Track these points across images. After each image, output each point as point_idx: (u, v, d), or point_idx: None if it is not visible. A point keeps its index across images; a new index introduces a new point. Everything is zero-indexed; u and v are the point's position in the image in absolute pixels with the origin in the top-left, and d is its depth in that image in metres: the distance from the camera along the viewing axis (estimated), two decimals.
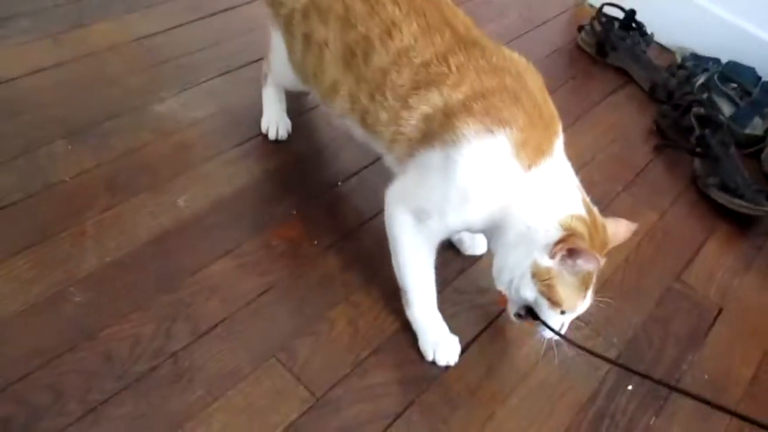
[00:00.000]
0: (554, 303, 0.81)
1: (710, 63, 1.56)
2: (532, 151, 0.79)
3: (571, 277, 0.80)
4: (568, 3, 1.79)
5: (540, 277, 0.80)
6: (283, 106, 1.18)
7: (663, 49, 1.69)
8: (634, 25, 1.60)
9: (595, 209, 0.84)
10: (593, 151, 1.36)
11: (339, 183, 1.14)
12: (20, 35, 1.22)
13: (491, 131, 0.78)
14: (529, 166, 0.79)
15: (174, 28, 1.33)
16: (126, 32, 1.29)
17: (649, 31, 1.62)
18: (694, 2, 1.63)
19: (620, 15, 1.62)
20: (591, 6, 1.75)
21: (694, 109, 1.42)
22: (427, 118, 0.83)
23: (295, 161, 1.16)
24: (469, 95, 0.80)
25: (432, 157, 0.83)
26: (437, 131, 0.82)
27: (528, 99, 0.81)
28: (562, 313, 0.83)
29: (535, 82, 0.85)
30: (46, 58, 1.19)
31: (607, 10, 1.63)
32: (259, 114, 1.18)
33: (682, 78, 1.53)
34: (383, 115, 0.86)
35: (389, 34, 0.85)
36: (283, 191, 1.10)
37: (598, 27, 1.59)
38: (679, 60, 1.62)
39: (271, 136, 1.17)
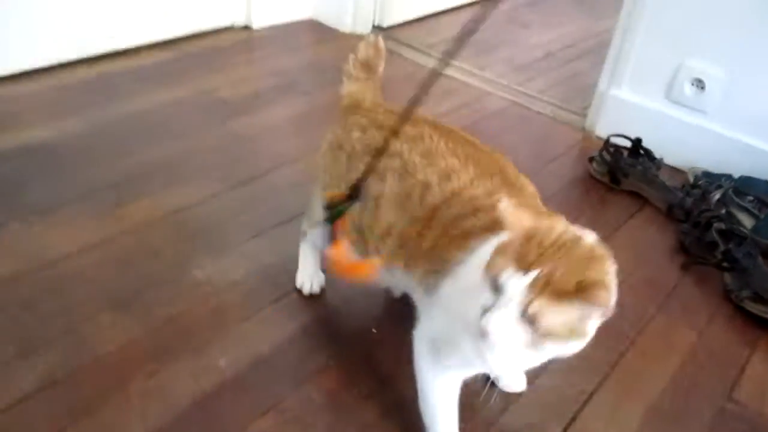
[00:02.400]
0: None
1: (723, 179, 1.60)
2: None
3: None
4: (576, 137, 1.88)
5: None
6: (318, 261, 1.23)
7: (674, 169, 1.75)
8: (642, 151, 1.67)
9: None
10: (621, 275, 1.36)
11: (373, 330, 1.16)
12: (68, 218, 1.32)
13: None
14: None
15: (207, 198, 1.43)
16: (163, 207, 1.39)
17: (658, 155, 1.69)
18: (699, 125, 1.71)
19: (628, 143, 1.70)
20: (598, 138, 1.84)
21: (715, 225, 1.45)
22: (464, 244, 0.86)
23: (330, 313, 1.19)
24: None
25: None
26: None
27: None
28: None
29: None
30: (90, 237, 1.28)
31: (615, 139, 1.71)
32: (292, 269, 1.23)
33: (697, 196, 1.56)
34: (426, 245, 0.90)
35: (448, 177, 0.92)
36: (319, 343, 1.12)
37: (607, 157, 1.66)
38: (691, 179, 1.67)
39: (306, 290, 1.21)
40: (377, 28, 2.42)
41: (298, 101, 1.88)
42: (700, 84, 1.67)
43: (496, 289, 0.72)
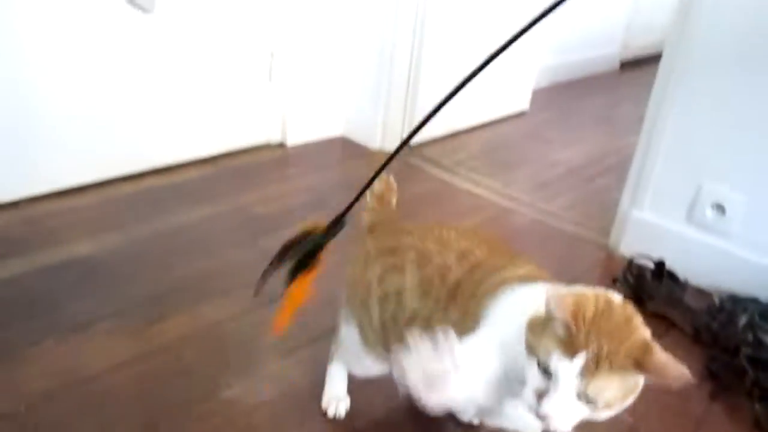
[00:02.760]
0: None
1: (749, 303, 1.61)
2: None
3: None
4: (599, 255, 1.92)
5: None
6: (345, 384, 1.25)
7: (700, 291, 1.75)
8: (665, 273, 1.69)
9: None
10: (647, 403, 1.35)
11: None
12: (103, 334, 1.37)
13: None
14: None
15: (238, 315, 1.47)
16: (198, 322, 1.43)
17: (682, 277, 1.70)
18: (721, 248, 1.73)
19: (651, 264, 1.72)
20: (622, 257, 1.86)
21: (744, 351, 1.44)
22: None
23: None
24: None
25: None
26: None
27: None
28: None
29: None
30: (125, 353, 1.32)
31: (638, 260, 1.74)
32: (319, 392, 1.25)
33: (723, 320, 1.56)
34: (453, 316, 0.94)
35: (464, 256, 0.99)
36: None
37: (631, 279, 1.68)
38: (717, 302, 1.67)
39: (330, 413, 1.22)
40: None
41: (327, 218, 1.94)
42: (720, 208, 1.71)
43: (546, 372, 0.76)
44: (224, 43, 2.11)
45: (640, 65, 4.19)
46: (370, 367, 1.15)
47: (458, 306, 0.95)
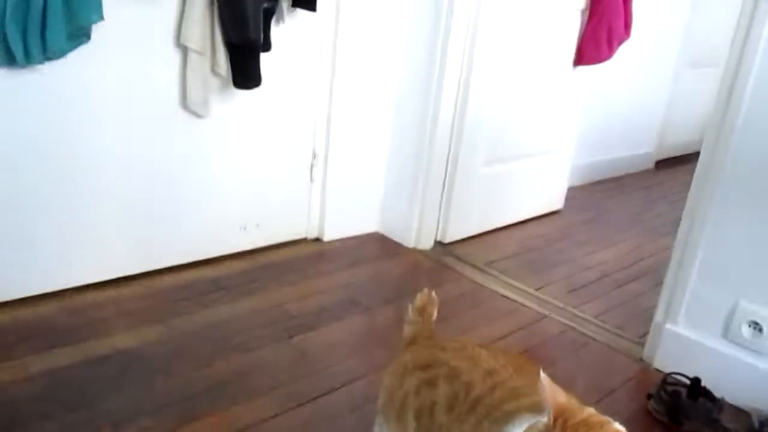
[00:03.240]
0: None
1: None
2: None
3: None
4: (633, 367, 1.89)
5: None
6: None
7: (738, 410, 1.71)
8: (701, 391, 1.67)
9: None
10: None
11: None
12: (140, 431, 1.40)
13: None
14: None
15: (271, 418, 1.49)
16: (228, 424, 1.45)
17: (718, 395, 1.67)
18: (760, 367, 1.70)
19: (686, 381, 1.69)
20: (657, 370, 1.84)
21: None
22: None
23: None
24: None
25: None
26: None
27: None
28: None
29: None
30: None
31: (673, 377, 1.71)
32: None
33: None
34: (467, 427, 0.98)
35: (490, 375, 1.04)
36: None
37: (666, 396, 1.66)
38: (756, 424, 1.63)
39: None
40: (439, 243, 2.58)
41: (360, 317, 1.98)
42: (757, 326, 1.70)
43: None
44: (269, 143, 2.22)
45: (676, 164, 4.23)
46: None
47: (473, 421, 0.99)
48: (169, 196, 2.03)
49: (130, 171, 1.92)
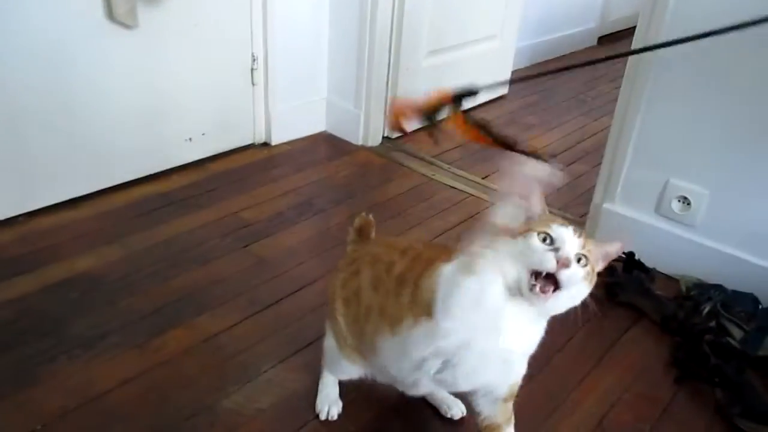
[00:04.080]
0: None
1: (713, 291, 1.71)
2: None
3: None
4: None
5: None
6: (336, 388, 1.36)
7: (668, 279, 1.86)
8: (635, 264, 1.79)
9: None
10: (619, 390, 1.47)
11: None
12: (111, 350, 1.45)
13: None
14: None
15: (235, 324, 1.56)
16: (196, 335, 1.52)
17: (651, 266, 1.81)
18: (688, 238, 1.83)
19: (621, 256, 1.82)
20: None
21: (706, 338, 1.55)
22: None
23: None
24: None
25: None
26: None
27: None
28: None
29: None
30: (131, 369, 1.41)
31: None
32: (313, 397, 1.35)
33: (689, 308, 1.67)
34: (405, 299, 1.07)
35: (405, 252, 1.15)
36: None
37: (602, 271, 1.78)
38: (684, 289, 1.78)
39: (322, 416, 1.33)
40: (387, 139, 2.60)
41: (314, 220, 2.03)
42: (686, 201, 1.81)
43: (546, 241, 0.95)
44: (206, 49, 2.16)
45: (619, 39, 4.24)
46: (349, 370, 1.27)
47: (408, 288, 1.08)
48: (109, 113, 1.98)
49: (66, 92, 1.86)
